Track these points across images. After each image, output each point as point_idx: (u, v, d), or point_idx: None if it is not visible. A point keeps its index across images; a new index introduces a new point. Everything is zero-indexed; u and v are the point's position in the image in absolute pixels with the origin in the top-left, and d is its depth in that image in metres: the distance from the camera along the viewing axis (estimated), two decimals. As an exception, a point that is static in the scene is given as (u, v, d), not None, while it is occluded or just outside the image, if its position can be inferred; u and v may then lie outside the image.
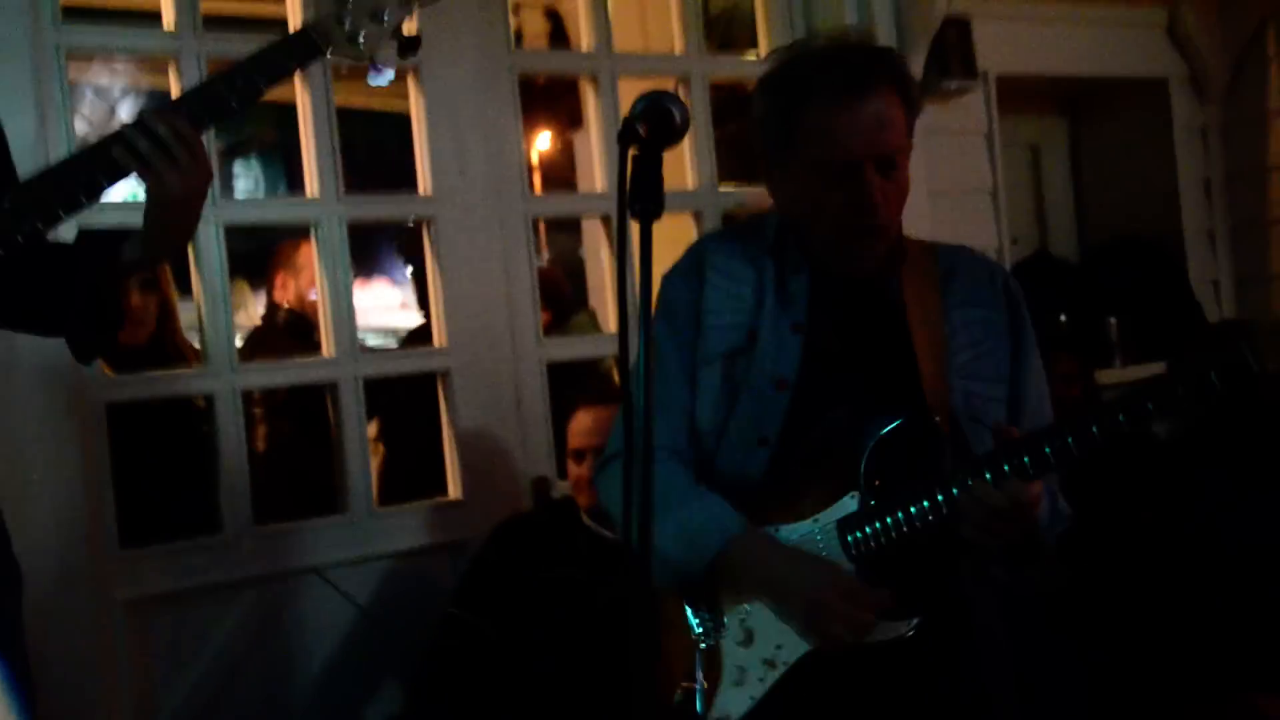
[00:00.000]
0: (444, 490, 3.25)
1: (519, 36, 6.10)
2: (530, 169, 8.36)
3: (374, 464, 4.34)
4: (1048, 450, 1.67)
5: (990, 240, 4.12)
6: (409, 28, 1.78)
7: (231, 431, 2.90)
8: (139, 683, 2.76)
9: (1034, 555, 1.79)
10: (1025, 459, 1.67)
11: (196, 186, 1.69)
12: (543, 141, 8.42)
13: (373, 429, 4.35)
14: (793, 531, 1.79)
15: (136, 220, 1.74)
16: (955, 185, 4.05)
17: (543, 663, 2.72)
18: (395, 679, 3.07)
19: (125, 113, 6.54)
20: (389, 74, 1.80)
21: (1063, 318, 4.42)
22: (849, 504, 1.77)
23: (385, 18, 1.74)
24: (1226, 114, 4.60)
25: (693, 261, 1.94)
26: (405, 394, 3.61)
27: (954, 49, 3.89)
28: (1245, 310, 4.63)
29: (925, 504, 1.71)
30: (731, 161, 3.66)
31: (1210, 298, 4.62)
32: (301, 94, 3.07)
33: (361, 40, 1.75)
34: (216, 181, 2.91)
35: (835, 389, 1.83)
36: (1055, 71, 4.32)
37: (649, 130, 1.43)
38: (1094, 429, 1.64)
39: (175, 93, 2.83)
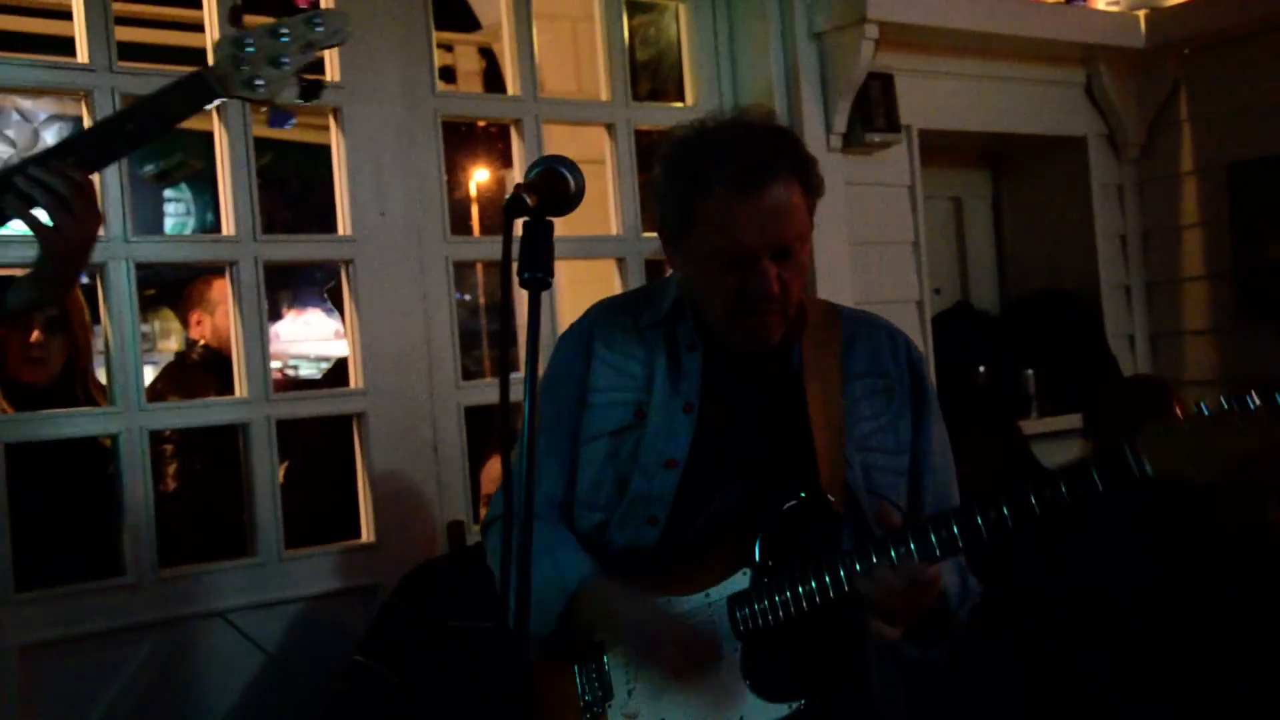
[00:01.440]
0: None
1: (452, 73, 6.11)
2: (469, 203, 8.37)
3: (292, 502, 4.29)
4: (933, 539, 1.65)
5: (912, 291, 4.17)
6: (311, 73, 1.80)
7: (137, 472, 2.84)
8: (30, 732, 2.68)
9: (942, 634, 1.79)
10: (913, 545, 1.65)
11: (90, 231, 1.70)
12: (483, 176, 8.43)
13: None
14: (684, 603, 1.78)
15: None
16: (878, 236, 4.10)
17: (447, 714, 2.68)
18: (302, 727, 3.02)
19: (51, 135, 6.45)
20: (290, 120, 1.82)
21: (981, 369, 4.49)
22: (741, 580, 1.76)
23: (285, 63, 1.75)
24: (1142, 173, 4.71)
25: (582, 334, 1.94)
26: (327, 432, 3.57)
27: (878, 103, 3.95)
28: (1159, 366, 4.73)
29: (814, 584, 1.70)
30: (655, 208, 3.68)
31: (1125, 352, 4.72)
32: (219, 131, 3.03)
33: (260, 85, 1.75)
34: (129, 219, 2.89)
35: (727, 468, 1.83)
36: (977, 127, 4.39)
37: (539, 199, 1.42)
38: (979, 519, 1.63)
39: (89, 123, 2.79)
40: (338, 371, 4.17)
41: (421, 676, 2.77)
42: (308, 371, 7.90)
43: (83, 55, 2.84)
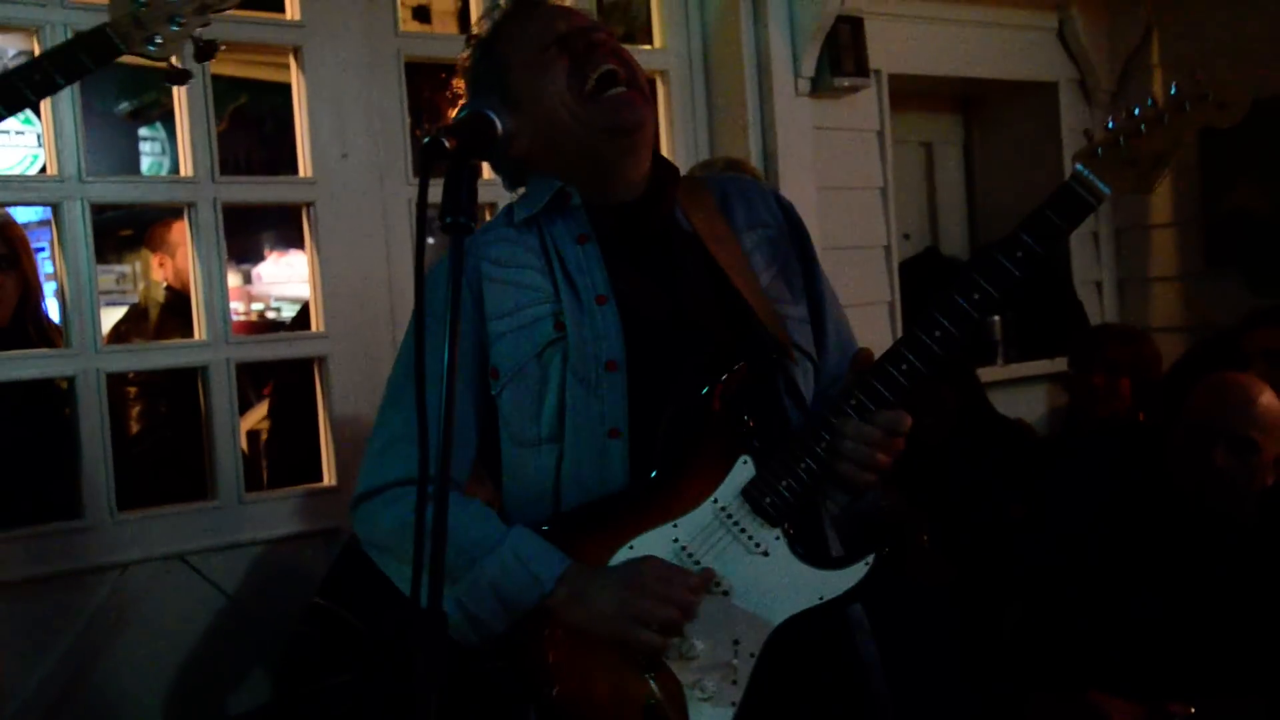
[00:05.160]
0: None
1: (427, 13, 6.02)
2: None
3: (261, 442, 4.27)
4: (897, 372, 1.60)
5: (879, 237, 4.16)
6: (205, 33, 1.88)
7: (94, 415, 2.84)
8: (-12, 672, 2.70)
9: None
10: (882, 385, 1.59)
11: None
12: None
13: (265, 408, 4.28)
14: (692, 521, 1.61)
15: None
16: (846, 181, 4.08)
17: (406, 658, 2.70)
18: (262, 668, 3.04)
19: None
20: (188, 77, 1.92)
21: (948, 315, 4.48)
22: (745, 470, 1.62)
23: (180, 22, 1.83)
24: (1113, 119, 4.69)
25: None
26: (299, 374, 3.55)
27: (847, 47, 3.92)
28: (1125, 312, 4.75)
29: (820, 447, 1.59)
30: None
31: (1093, 298, 4.73)
32: (176, 71, 2.99)
33: (157, 42, 1.83)
34: (84, 158, 2.85)
35: (673, 353, 1.67)
36: (947, 72, 4.37)
37: (459, 143, 1.38)
38: (934, 334, 1.62)
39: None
40: (305, 314, 4.16)
41: (382, 620, 2.79)
42: (290, 313, 7.87)
43: (33, -9, 2.80)
